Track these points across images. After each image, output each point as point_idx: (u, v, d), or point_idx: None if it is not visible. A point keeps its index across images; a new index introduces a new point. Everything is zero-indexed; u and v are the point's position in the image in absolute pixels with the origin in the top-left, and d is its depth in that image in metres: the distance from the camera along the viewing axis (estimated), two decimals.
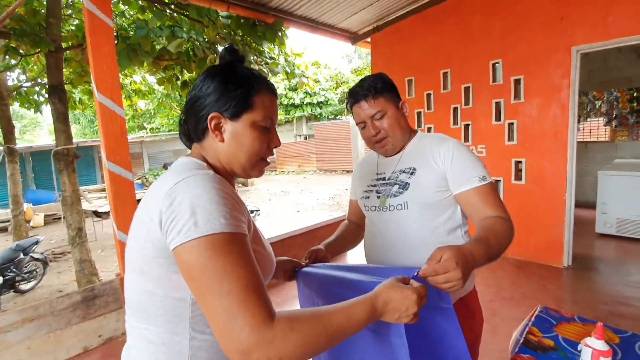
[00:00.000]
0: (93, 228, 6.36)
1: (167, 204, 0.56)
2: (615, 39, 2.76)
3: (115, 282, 2.45)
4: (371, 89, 1.04)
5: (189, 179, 0.58)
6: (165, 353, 0.62)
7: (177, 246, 0.55)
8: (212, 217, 0.54)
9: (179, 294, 0.61)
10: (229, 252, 0.54)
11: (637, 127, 4.85)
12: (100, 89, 2.21)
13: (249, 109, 0.69)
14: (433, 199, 1.01)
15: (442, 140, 1.05)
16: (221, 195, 0.57)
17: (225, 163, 0.71)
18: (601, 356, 0.79)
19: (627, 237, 3.83)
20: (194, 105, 0.70)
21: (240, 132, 0.69)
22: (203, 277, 0.53)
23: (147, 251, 0.60)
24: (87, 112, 13.55)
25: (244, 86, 0.69)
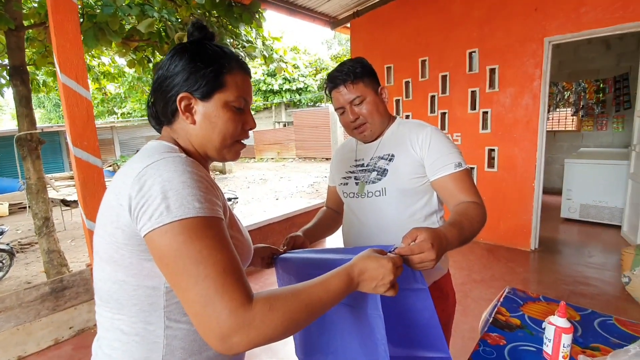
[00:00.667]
0: (61, 217, 6.09)
1: (137, 189, 0.53)
2: (585, 30, 2.86)
3: (86, 272, 2.37)
4: (350, 74, 1.02)
5: (159, 162, 0.56)
6: (138, 343, 0.60)
7: (148, 232, 0.52)
8: (185, 201, 0.52)
9: (152, 282, 0.58)
10: (204, 236, 0.52)
11: (601, 117, 5.10)
12: (63, 70, 2.08)
13: (221, 89, 0.65)
14: (410, 185, 1.02)
15: (420, 127, 1.06)
16: (194, 179, 0.55)
17: (198, 146, 0.68)
18: (563, 333, 0.84)
19: (589, 221, 4.08)
20: (161, 86, 0.66)
21: (212, 113, 0.65)
22: (177, 262, 0.51)
23: (116, 238, 0.57)
24: (52, 95, 12.78)
25: (214, 64, 0.64)
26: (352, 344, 0.83)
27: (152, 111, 0.71)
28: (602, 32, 2.83)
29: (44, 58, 3.72)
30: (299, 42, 19.82)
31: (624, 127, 4.92)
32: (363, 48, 4.34)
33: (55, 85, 5.25)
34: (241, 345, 0.50)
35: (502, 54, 3.28)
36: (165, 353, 0.60)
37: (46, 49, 3.69)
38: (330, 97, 1.09)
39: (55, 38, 2.07)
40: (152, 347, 0.60)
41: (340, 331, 0.86)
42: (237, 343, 0.50)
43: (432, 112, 3.83)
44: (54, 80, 4.84)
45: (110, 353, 0.62)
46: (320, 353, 0.95)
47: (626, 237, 3.49)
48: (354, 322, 0.81)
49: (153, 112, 0.71)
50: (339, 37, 19.08)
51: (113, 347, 0.62)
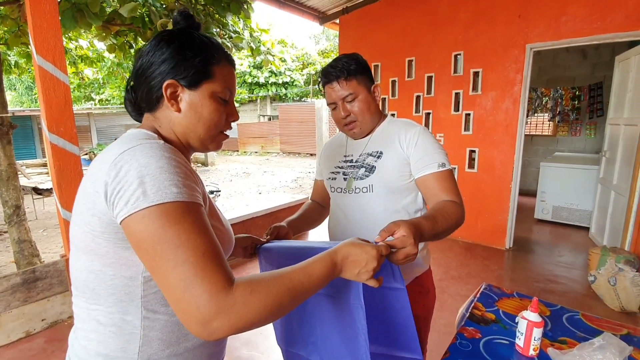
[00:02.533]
0: (33, 206, 5.83)
1: (113, 175, 0.52)
2: (565, 39, 2.97)
3: (60, 263, 2.29)
4: (344, 71, 1.02)
5: (136, 148, 0.54)
6: (115, 334, 0.59)
7: (125, 217, 0.51)
8: (162, 186, 0.51)
9: (130, 272, 0.57)
10: (183, 221, 0.51)
11: (576, 123, 5.32)
12: (40, 51, 1.99)
13: (208, 79, 0.65)
14: (397, 182, 1.04)
15: (409, 126, 1.08)
16: (172, 164, 0.54)
17: (180, 135, 0.67)
18: (534, 327, 0.88)
19: (561, 222, 4.26)
20: (145, 72, 0.64)
21: (198, 102, 0.65)
22: (155, 248, 0.50)
23: (93, 226, 0.56)
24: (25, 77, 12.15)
25: (203, 54, 0.64)
26: (332, 334, 0.85)
27: (131, 97, 0.69)
28: (580, 42, 2.94)
29: (17, 38, 3.53)
30: (287, 35, 19.61)
31: (596, 134, 5.16)
32: (351, 45, 4.34)
33: (29, 67, 4.99)
34: (222, 330, 0.49)
35: (486, 57, 3.36)
36: (142, 344, 0.59)
37: (19, 28, 3.49)
38: (323, 91, 1.10)
39: (32, 17, 1.97)
40: (129, 338, 0.59)
41: (320, 322, 0.87)
42: (218, 328, 0.49)
43: (417, 112, 3.89)
44: (27, 61, 4.60)
45: (86, 344, 0.61)
46: (301, 343, 0.96)
47: (593, 239, 3.68)
48: (335, 313, 0.82)
49: (132, 98, 0.69)
50: (327, 33, 19.01)
51: (89, 339, 0.61)
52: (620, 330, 1.01)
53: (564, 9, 2.93)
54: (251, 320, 0.51)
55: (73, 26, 2.82)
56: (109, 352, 0.60)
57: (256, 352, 2.04)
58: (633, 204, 2.71)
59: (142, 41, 3.76)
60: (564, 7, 2.93)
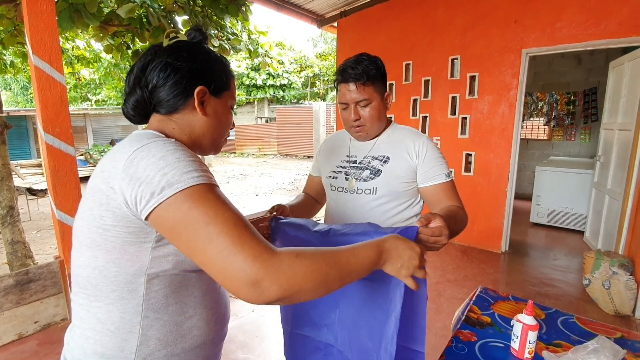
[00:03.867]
0: (27, 207, 5.78)
1: (132, 171, 0.54)
2: (560, 44, 3.00)
3: (54, 265, 2.26)
4: (364, 75, 1.03)
5: (150, 144, 0.57)
6: (113, 333, 0.59)
7: (152, 209, 0.53)
8: (183, 173, 0.53)
9: (134, 269, 0.58)
10: (207, 199, 0.53)
11: (571, 128, 5.37)
12: (36, 51, 1.98)
13: (228, 90, 0.72)
14: (401, 188, 1.08)
15: (416, 135, 1.13)
16: (187, 154, 0.57)
17: (196, 137, 0.70)
18: (529, 330, 0.88)
19: (556, 226, 4.29)
20: (176, 73, 0.65)
21: (220, 110, 0.71)
22: (188, 229, 0.52)
23: (104, 221, 0.56)
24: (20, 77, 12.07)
25: (225, 67, 0.72)
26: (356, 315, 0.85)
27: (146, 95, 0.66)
28: (574, 47, 2.98)
29: (12, 37, 3.51)
30: (285, 38, 19.66)
31: (591, 139, 5.21)
32: (349, 48, 4.36)
33: (24, 67, 4.96)
34: (273, 291, 0.50)
35: (482, 62, 3.39)
36: (140, 343, 0.60)
37: (16, 27, 3.47)
38: (337, 87, 1.10)
39: (28, 17, 1.97)
40: (127, 337, 0.60)
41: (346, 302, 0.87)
42: (268, 287, 0.49)
43: (414, 115, 3.91)
44: (23, 61, 4.58)
45: (83, 343, 0.61)
46: (311, 325, 0.94)
47: (588, 242, 3.70)
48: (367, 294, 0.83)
49: (143, 97, 0.66)
50: (325, 36, 19.08)
51: (86, 337, 0.61)
52: (614, 334, 1.02)
53: (559, 15, 2.96)
54: (299, 283, 0.51)
55: (70, 26, 2.81)
56: (106, 350, 0.60)
57: (252, 355, 2.02)
58: (627, 208, 2.73)
59: (139, 42, 3.76)
60: (559, 13, 2.96)
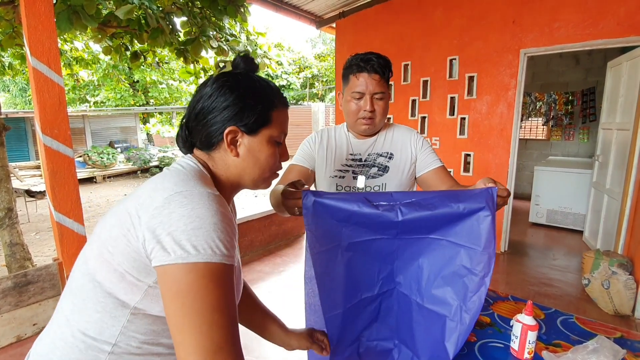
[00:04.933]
0: (25, 209, 5.76)
1: (166, 213, 0.52)
2: (558, 44, 3.01)
3: (52, 267, 2.26)
4: (385, 69, 1.09)
5: (194, 193, 0.54)
6: (81, 351, 0.57)
7: (167, 264, 0.50)
8: (213, 245, 0.51)
9: (125, 298, 0.57)
10: (224, 285, 0.52)
11: (569, 127, 5.38)
12: (34, 53, 1.97)
13: (267, 125, 0.67)
14: (405, 182, 1.16)
15: (411, 131, 1.22)
16: (224, 221, 0.54)
17: (234, 176, 0.68)
18: (529, 330, 0.88)
19: (555, 226, 4.30)
20: (206, 116, 0.65)
21: (256, 148, 0.67)
22: (194, 305, 0.50)
23: (118, 243, 0.55)
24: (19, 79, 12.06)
25: (264, 101, 0.66)
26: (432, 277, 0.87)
27: (185, 135, 0.69)
28: (572, 47, 2.99)
29: (11, 39, 3.51)
30: (284, 39, 19.68)
31: (589, 138, 5.22)
32: (347, 49, 4.37)
33: (23, 69, 4.96)
34: None
35: (481, 62, 3.39)
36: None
37: (14, 29, 3.47)
38: (351, 75, 1.11)
39: (26, 19, 1.96)
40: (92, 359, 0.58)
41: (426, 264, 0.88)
42: None
43: (413, 116, 3.91)
44: (22, 63, 4.57)
45: (48, 352, 0.59)
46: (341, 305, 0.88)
47: (587, 242, 3.71)
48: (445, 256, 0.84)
49: (185, 136, 0.69)
50: (324, 37, 19.10)
51: (54, 346, 0.59)
52: (614, 334, 1.02)
53: (557, 15, 2.97)
54: None
55: (68, 28, 2.81)
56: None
57: (251, 356, 2.02)
58: (625, 208, 2.73)
59: (137, 43, 3.76)
60: (557, 13, 2.97)
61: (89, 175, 9.23)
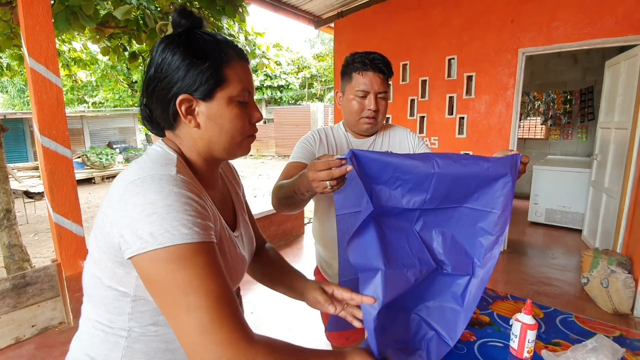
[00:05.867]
0: (24, 210, 5.75)
1: (122, 206, 0.51)
2: (556, 44, 3.01)
3: (51, 268, 2.25)
4: (389, 69, 1.12)
5: (145, 179, 0.52)
6: (102, 340, 0.61)
7: (133, 256, 0.50)
8: (170, 227, 0.49)
9: (124, 288, 0.58)
10: (193, 264, 0.49)
11: (567, 127, 5.39)
12: (32, 53, 1.97)
13: (222, 85, 0.59)
14: None
15: (406, 130, 1.27)
16: (181, 201, 0.51)
17: (204, 150, 0.64)
18: (528, 329, 0.88)
19: (554, 225, 4.30)
20: (155, 89, 0.60)
21: (216, 113, 0.60)
22: (166, 292, 0.49)
23: (99, 242, 0.56)
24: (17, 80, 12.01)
25: (211, 58, 0.58)
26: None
27: (147, 115, 0.64)
28: (570, 47, 2.99)
29: (9, 40, 3.50)
30: (282, 39, 19.68)
31: (587, 138, 5.23)
32: (346, 48, 4.36)
33: (21, 70, 4.94)
34: None
35: (479, 62, 3.40)
36: (124, 354, 0.60)
37: (12, 30, 3.46)
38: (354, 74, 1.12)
39: (24, 20, 1.96)
40: (113, 346, 0.60)
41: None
42: None
43: (412, 116, 3.91)
44: (20, 64, 4.56)
45: (77, 344, 0.65)
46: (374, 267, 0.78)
47: (586, 241, 3.72)
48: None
49: (147, 115, 0.64)
50: (322, 37, 19.10)
51: (81, 339, 0.64)
52: (613, 332, 1.02)
53: (556, 15, 2.97)
54: None
55: (66, 28, 2.80)
56: (95, 355, 0.61)
57: None
58: (624, 207, 2.74)
59: (136, 43, 3.75)
60: (555, 13, 2.97)
61: (88, 176, 9.21)
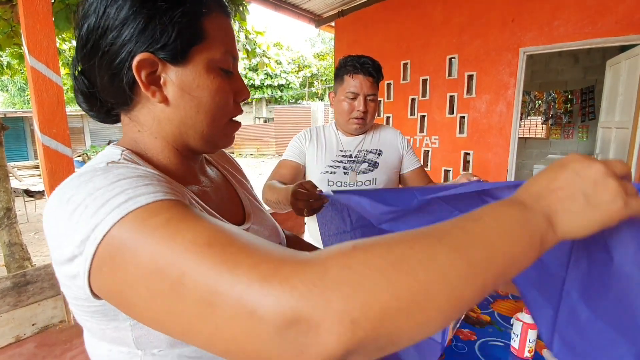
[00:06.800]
0: (24, 209, 5.76)
1: (47, 234, 0.37)
2: (557, 43, 3.00)
3: (51, 267, 2.25)
4: (378, 73, 1.18)
5: (64, 185, 0.36)
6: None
7: (88, 280, 0.33)
8: (99, 207, 0.31)
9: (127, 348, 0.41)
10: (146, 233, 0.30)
11: (568, 126, 5.38)
12: (33, 52, 1.97)
13: (200, 42, 0.42)
14: (393, 177, 1.29)
15: (396, 132, 1.33)
16: (107, 177, 0.34)
17: (173, 137, 0.45)
18: (529, 328, 0.88)
19: None
20: (99, 45, 0.40)
21: (192, 82, 0.42)
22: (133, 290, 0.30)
23: (69, 298, 0.39)
24: (17, 78, 12.02)
25: (183, 4, 0.40)
26: None
27: (84, 87, 0.44)
28: (571, 46, 2.98)
29: (9, 38, 3.50)
30: (283, 38, 19.66)
31: (588, 137, 5.22)
32: (347, 48, 4.36)
33: (21, 68, 4.94)
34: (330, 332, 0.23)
35: (480, 61, 3.39)
36: None
37: (12, 28, 3.46)
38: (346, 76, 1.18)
39: (24, 18, 1.95)
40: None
41: None
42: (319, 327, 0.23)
43: (412, 115, 3.91)
44: (20, 62, 4.56)
45: None
46: None
47: None
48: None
49: (86, 90, 0.44)
50: (323, 36, 19.09)
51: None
52: None
53: (556, 14, 2.97)
54: (384, 300, 0.24)
55: (67, 27, 2.80)
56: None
57: None
58: None
59: None
60: (556, 12, 2.97)
61: None
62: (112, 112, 0.46)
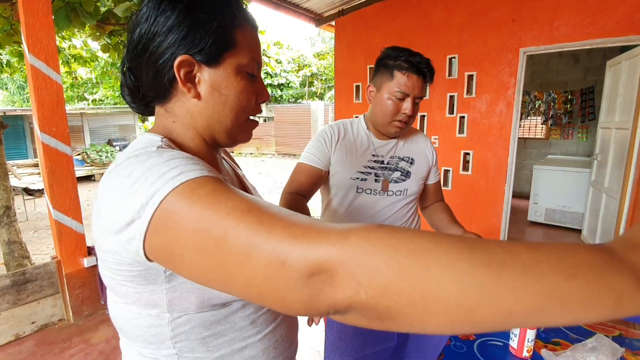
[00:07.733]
0: (24, 207, 5.75)
1: (103, 202, 0.43)
2: (557, 43, 3.01)
3: (51, 265, 2.25)
4: (432, 76, 1.07)
5: (121, 165, 0.43)
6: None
7: (143, 242, 0.39)
8: (157, 179, 0.39)
9: (154, 312, 0.47)
10: (200, 200, 0.37)
11: (568, 126, 5.38)
12: (32, 50, 1.96)
13: (231, 49, 0.50)
14: (420, 188, 1.20)
15: (427, 139, 1.25)
16: (162, 157, 0.42)
17: (203, 129, 0.53)
18: (528, 328, 0.89)
19: (554, 224, 4.31)
20: (148, 47, 0.48)
21: (222, 82, 0.50)
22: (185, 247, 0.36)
23: (107, 264, 0.46)
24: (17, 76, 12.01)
25: (221, 16, 0.48)
26: None
27: (131, 82, 0.52)
28: (571, 46, 2.98)
29: (9, 37, 3.49)
30: (283, 37, 19.64)
31: (588, 137, 5.23)
32: (347, 47, 4.36)
33: (21, 66, 4.94)
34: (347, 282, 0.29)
35: (480, 61, 3.39)
36: None
37: (12, 27, 3.45)
38: (396, 72, 1.05)
39: (24, 16, 1.95)
40: None
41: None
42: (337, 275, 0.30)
43: None
44: (20, 60, 4.55)
45: None
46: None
47: (585, 241, 3.72)
48: None
49: (132, 84, 0.52)
50: (323, 35, 19.07)
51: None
52: (613, 332, 1.02)
53: (557, 14, 2.97)
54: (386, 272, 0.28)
55: (66, 25, 2.79)
56: None
57: None
58: (624, 207, 2.74)
59: None
60: (556, 12, 2.97)
61: (88, 174, 9.21)
62: (150, 105, 0.54)
